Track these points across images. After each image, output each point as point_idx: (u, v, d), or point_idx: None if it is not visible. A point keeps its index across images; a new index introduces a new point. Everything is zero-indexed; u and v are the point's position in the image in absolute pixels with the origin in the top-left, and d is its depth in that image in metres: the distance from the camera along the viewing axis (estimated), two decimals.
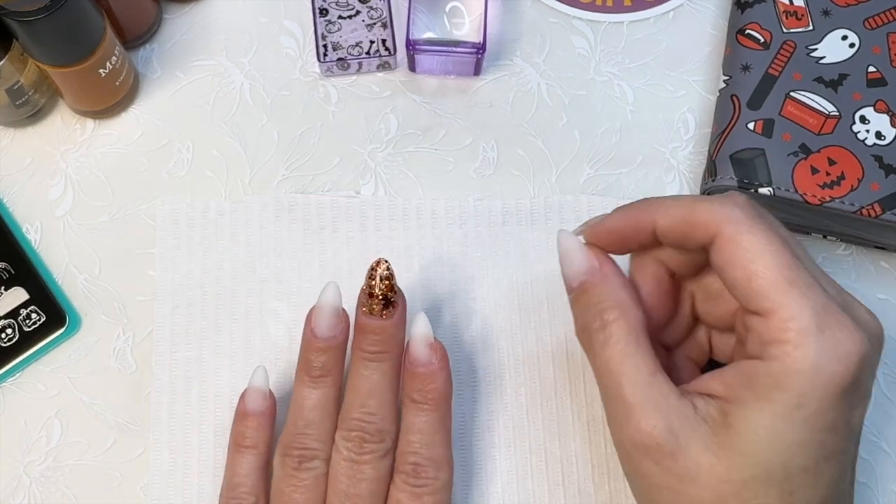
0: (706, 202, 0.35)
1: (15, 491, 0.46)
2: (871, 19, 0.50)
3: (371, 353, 0.41)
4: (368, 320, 0.41)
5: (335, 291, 0.42)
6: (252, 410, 0.43)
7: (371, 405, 0.41)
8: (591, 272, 0.38)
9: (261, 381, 0.43)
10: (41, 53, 0.45)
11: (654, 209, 0.37)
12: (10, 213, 0.50)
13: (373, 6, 0.52)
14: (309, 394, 0.41)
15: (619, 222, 0.38)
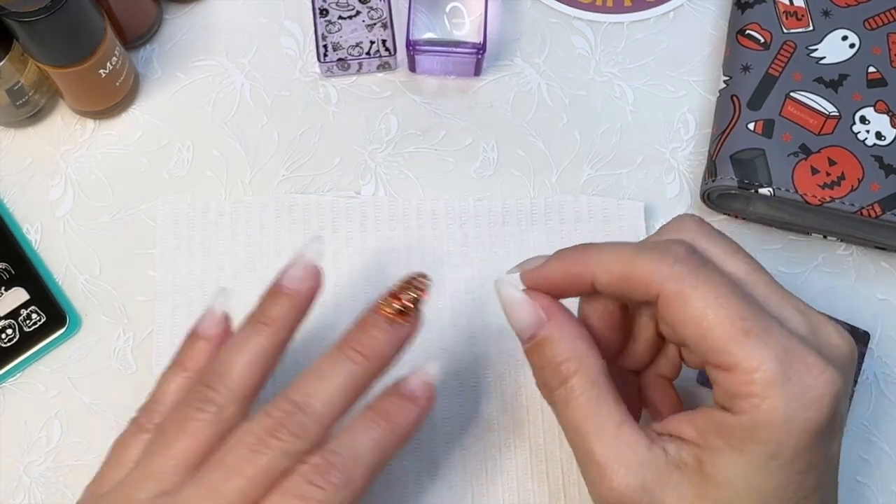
0: (645, 256, 0.34)
1: (15, 491, 0.46)
2: (871, 20, 0.50)
3: (354, 350, 0.36)
4: (375, 319, 0.37)
5: (316, 249, 0.38)
6: (202, 333, 0.39)
7: (317, 399, 0.35)
8: (539, 325, 0.36)
9: (218, 305, 0.39)
10: (41, 54, 0.45)
11: (593, 262, 0.35)
12: (10, 213, 0.50)
13: (373, 6, 0.52)
14: (244, 338, 0.37)
15: (555, 271, 0.36)
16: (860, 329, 0.49)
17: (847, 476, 0.47)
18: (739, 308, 0.32)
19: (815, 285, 0.50)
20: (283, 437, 0.34)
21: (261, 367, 0.37)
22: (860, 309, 0.49)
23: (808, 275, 0.50)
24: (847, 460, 0.47)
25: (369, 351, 0.37)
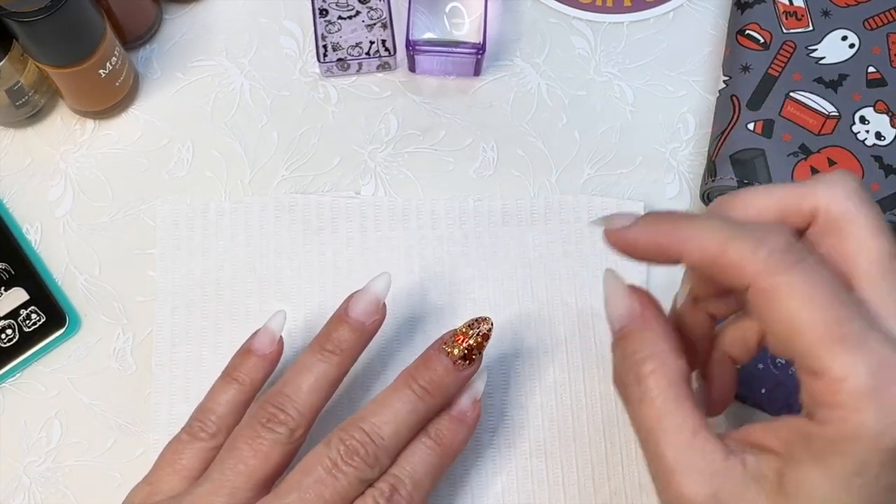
0: (738, 243, 0.31)
1: (15, 491, 0.46)
2: (870, 20, 0.50)
3: (420, 387, 0.39)
4: (441, 359, 0.40)
5: (386, 284, 0.41)
6: (256, 350, 0.41)
7: (386, 430, 0.38)
8: (631, 317, 0.35)
9: (276, 324, 0.42)
10: (41, 54, 0.45)
11: (684, 238, 0.32)
12: (10, 213, 0.50)
13: (373, 7, 0.52)
14: (312, 363, 0.40)
15: (642, 238, 0.34)
16: None
17: None
18: (837, 311, 0.29)
19: None
20: (358, 465, 0.37)
21: (326, 393, 0.40)
22: None
23: None
24: None
25: (434, 388, 0.39)
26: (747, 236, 0.31)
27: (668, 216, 0.33)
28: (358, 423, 0.38)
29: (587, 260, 0.49)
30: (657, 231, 0.33)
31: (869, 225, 0.31)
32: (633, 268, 0.49)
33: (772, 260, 0.30)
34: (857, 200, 0.31)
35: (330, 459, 0.38)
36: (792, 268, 0.30)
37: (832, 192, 0.32)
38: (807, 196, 0.32)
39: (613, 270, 0.36)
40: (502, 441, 0.46)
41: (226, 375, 0.41)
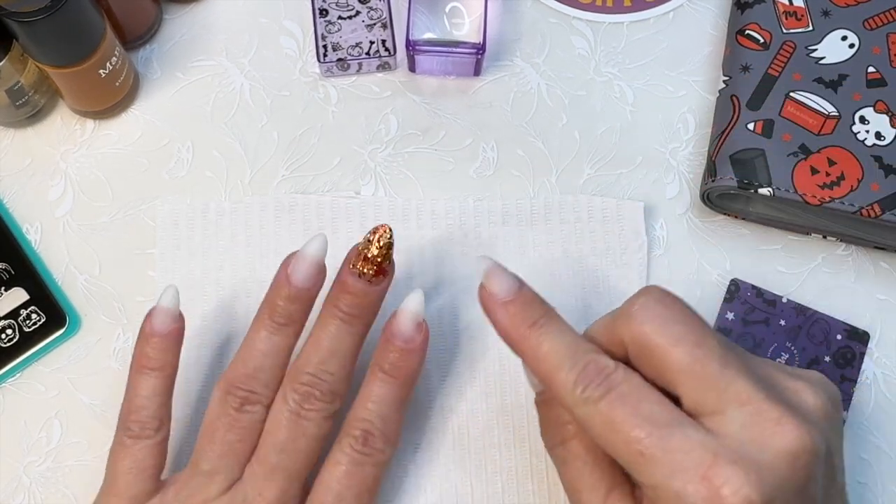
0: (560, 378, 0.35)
1: (15, 491, 0.46)
2: (870, 20, 0.50)
3: (346, 313, 0.40)
4: (354, 281, 0.40)
5: (322, 244, 0.41)
6: (158, 331, 0.41)
7: (330, 365, 0.40)
8: None
9: (169, 300, 0.41)
10: (41, 54, 0.45)
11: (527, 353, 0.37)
12: (10, 213, 0.50)
13: (373, 7, 0.52)
14: (267, 338, 0.40)
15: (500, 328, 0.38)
16: (860, 329, 0.49)
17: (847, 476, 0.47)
18: (636, 430, 0.33)
19: (815, 285, 0.50)
20: (317, 406, 0.40)
21: (286, 363, 0.42)
22: (860, 309, 0.49)
23: (807, 275, 0.50)
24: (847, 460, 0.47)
25: (358, 310, 0.41)
26: (569, 366, 0.35)
27: (521, 328, 0.37)
28: (302, 369, 0.40)
29: (587, 260, 0.49)
30: (512, 333, 0.37)
31: (664, 343, 0.34)
32: (634, 267, 0.49)
33: (582, 394, 0.34)
34: (653, 325, 0.34)
35: (290, 411, 0.39)
36: (598, 399, 0.34)
37: (629, 327, 0.35)
38: (614, 332, 0.36)
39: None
40: (502, 441, 0.46)
41: (139, 366, 0.41)
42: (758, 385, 0.33)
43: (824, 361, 0.48)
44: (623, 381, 0.34)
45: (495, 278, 0.38)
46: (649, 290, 0.36)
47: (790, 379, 0.35)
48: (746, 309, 0.49)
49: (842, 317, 0.49)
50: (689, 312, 0.35)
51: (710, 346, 0.34)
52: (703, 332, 0.34)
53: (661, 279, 0.49)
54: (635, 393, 0.34)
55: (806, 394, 0.35)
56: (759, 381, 0.34)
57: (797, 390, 0.35)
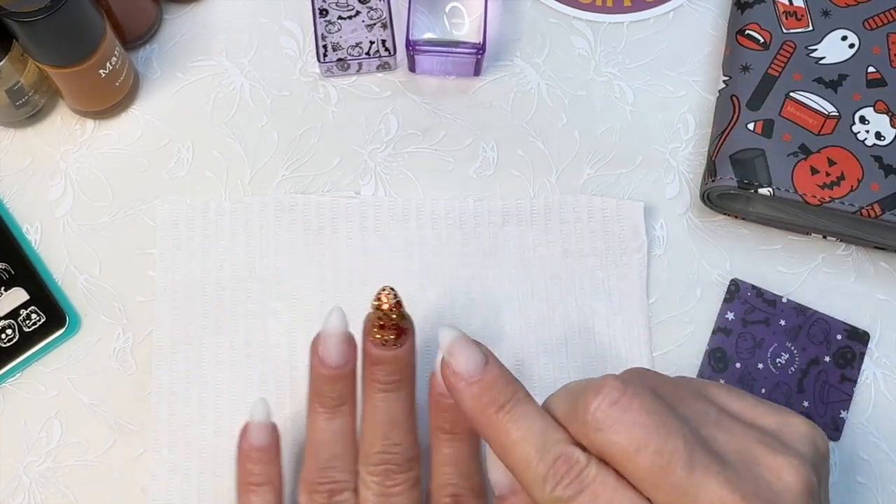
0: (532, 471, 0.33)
1: (15, 491, 0.46)
2: (870, 20, 0.50)
3: (386, 383, 0.39)
4: (381, 352, 0.39)
5: (341, 317, 0.39)
6: (260, 445, 0.40)
7: (395, 436, 0.39)
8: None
9: (262, 414, 0.41)
10: (41, 54, 0.45)
11: (491, 439, 0.35)
12: (10, 213, 0.50)
13: (373, 7, 0.52)
14: (327, 425, 0.40)
15: (465, 408, 0.36)
16: (860, 329, 0.49)
17: (847, 476, 0.47)
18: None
19: (815, 285, 0.50)
20: (399, 479, 0.39)
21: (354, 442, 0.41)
22: (860, 309, 0.49)
23: (807, 275, 0.50)
24: (847, 460, 0.47)
25: (396, 374, 0.40)
26: (541, 459, 0.33)
27: (495, 403, 0.34)
28: (370, 451, 0.39)
29: (587, 260, 0.49)
30: (478, 417, 0.35)
31: (623, 452, 0.32)
32: (634, 267, 0.49)
33: (553, 494, 0.32)
34: (610, 433, 0.32)
35: (376, 495, 0.39)
36: (569, 501, 0.32)
37: (587, 435, 0.33)
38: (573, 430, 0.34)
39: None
40: None
41: (246, 485, 0.40)
42: (731, 484, 0.31)
43: (824, 361, 0.48)
44: (595, 479, 0.32)
45: (459, 354, 0.35)
46: (604, 388, 0.32)
47: (770, 453, 0.33)
48: (746, 309, 0.49)
49: (842, 317, 0.49)
50: (649, 407, 0.32)
51: (674, 449, 0.31)
52: (667, 431, 0.32)
53: (661, 279, 0.49)
54: (608, 494, 0.32)
55: (787, 474, 0.32)
56: (732, 477, 0.31)
57: (778, 470, 0.32)
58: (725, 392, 0.36)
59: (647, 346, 0.48)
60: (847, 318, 0.49)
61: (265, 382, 0.47)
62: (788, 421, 0.35)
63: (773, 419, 0.35)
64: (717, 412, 0.34)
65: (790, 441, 0.34)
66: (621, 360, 0.48)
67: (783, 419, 0.35)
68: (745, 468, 0.32)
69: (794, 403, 0.48)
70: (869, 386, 0.48)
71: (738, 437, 0.33)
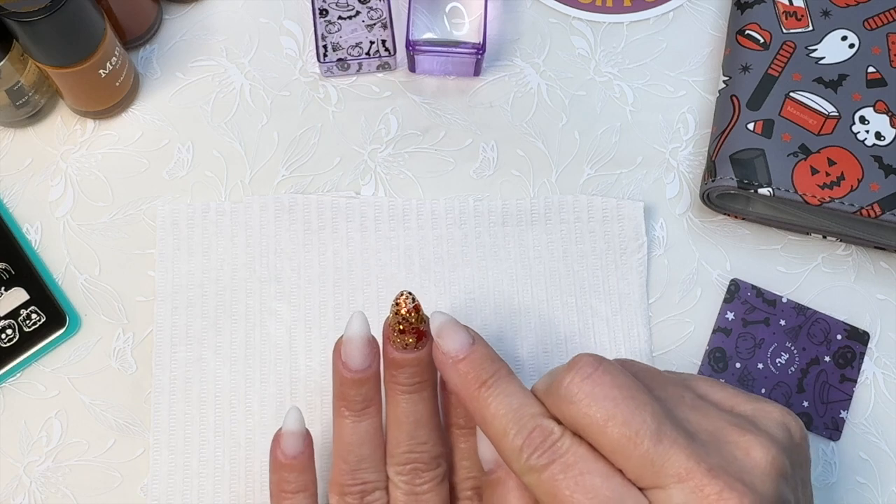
0: (510, 440, 0.35)
1: (15, 491, 0.46)
2: (870, 20, 0.50)
3: (408, 385, 0.40)
4: (402, 355, 0.39)
5: (362, 322, 0.40)
6: (293, 454, 0.40)
7: (420, 435, 0.40)
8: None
9: (295, 422, 0.40)
10: (41, 54, 0.45)
11: (475, 413, 0.37)
12: (10, 213, 0.50)
13: (373, 7, 0.52)
14: (355, 428, 0.40)
15: (452, 386, 0.38)
16: (860, 329, 0.49)
17: (847, 476, 0.47)
18: None
19: (815, 285, 0.50)
20: (428, 476, 0.40)
21: (382, 441, 0.41)
22: (860, 309, 0.49)
23: (807, 275, 0.50)
24: (847, 460, 0.47)
25: (418, 377, 0.40)
26: (518, 431, 0.34)
27: (479, 379, 0.36)
28: (397, 451, 0.40)
29: (587, 260, 0.49)
30: (462, 392, 0.37)
31: (593, 423, 0.33)
32: (634, 267, 0.49)
33: (528, 463, 0.34)
34: (581, 405, 0.33)
35: (405, 493, 0.40)
36: (542, 470, 0.33)
37: (559, 407, 0.34)
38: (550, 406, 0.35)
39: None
40: None
41: (281, 493, 0.40)
42: (697, 456, 0.32)
43: (824, 361, 0.48)
44: (568, 450, 0.33)
45: (447, 335, 0.37)
46: (578, 364, 0.34)
47: (740, 433, 0.34)
48: (746, 309, 0.49)
49: (842, 317, 0.49)
50: (620, 382, 0.34)
51: (642, 421, 0.33)
52: (636, 404, 0.33)
53: (661, 279, 0.50)
54: (579, 464, 0.33)
55: (755, 450, 0.33)
56: (700, 450, 0.33)
57: (746, 447, 0.33)
58: (707, 383, 0.38)
59: (647, 346, 0.48)
60: (847, 318, 0.49)
61: (265, 382, 0.47)
62: (764, 408, 0.36)
63: (749, 406, 0.36)
64: (693, 397, 0.36)
65: (763, 424, 0.35)
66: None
67: (759, 406, 0.36)
68: (714, 444, 0.33)
69: (794, 403, 0.48)
70: (869, 386, 0.48)
71: (711, 418, 0.35)
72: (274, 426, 0.46)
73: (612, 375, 0.34)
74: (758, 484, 0.32)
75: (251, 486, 0.46)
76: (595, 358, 0.34)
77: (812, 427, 0.48)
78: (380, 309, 0.48)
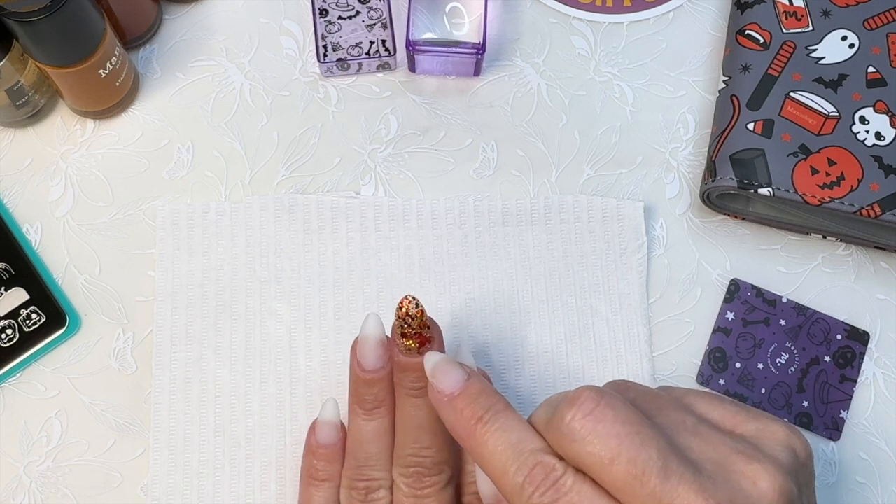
0: (510, 477, 0.34)
1: (15, 491, 0.46)
2: (870, 20, 0.50)
3: (414, 389, 0.40)
4: (407, 359, 0.40)
5: (377, 323, 0.40)
6: (325, 443, 0.42)
7: (424, 439, 0.40)
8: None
9: (331, 413, 0.42)
10: (41, 54, 0.45)
11: (474, 451, 0.36)
12: (10, 213, 0.50)
13: (373, 7, 0.52)
14: (365, 426, 0.41)
15: (448, 422, 0.37)
16: (860, 329, 0.49)
17: (847, 476, 0.47)
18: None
19: (815, 285, 0.50)
20: (431, 481, 0.40)
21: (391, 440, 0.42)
22: (860, 309, 0.49)
23: (807, 275, 0.50)
24: (847, 460, 0.47)
25: (420, 384, 0.40)
26: (518, 469, 0.33)
27: (475, 415, 0.35)
28: (402, 454, 0.40)
29: (587, 260, 0.49)
30: (459, 429, 0.36)
31: (598, 462, 0.32)
32: (634, 267, 0.49)
33: (531, 502, 0.33)
34: (585, 444, 0.32)
35: (408, 496, 0.40)
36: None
37: (562, 445, 0.33)
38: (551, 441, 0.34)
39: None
40: None
41: (310, 478, 0.42)
42: (706, 492, 0.31)
43: (824, 361, 0.48)
44: (571, 488, 0.32)
45: (440, 374, 0.37)
46: (579, 400, 0.33)
47: (745, 461, 0.33)
48: (746, 309, 0.49)
49: (842, 317, 0.49)
50: (623, 418, 0.33)
51: (647, 458, 0.32)
52: (641, 440, 0.32)
53: (661, 279, 0.50)
54: (585, 502, 0.32)
55: (762, 480, 0.32)
56: (708, 485, 0.32)
57: (753, 477, 0.33)
58: (706, 401, 0.36)
59: (647, 346, 0.48)
60: (847, 318, 0.49)
61: (265, 382, 0.47)
62: (767, 427, 0.35)
63: (752, 426, 0.35)
64: (694, 421, 0.35)
65: (768, 448, 0.34)
66: (621, 360, 0.48)
67: (762, 425, 0.35)
68: (721, 476, 0.32)
69: (794, 403, 0.48)
70: (869, 386, 0.48)
71: (714, 445, 0.34)
72: (274, 426, 0.46)
73: (615, 410, 0.33)
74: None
75: (251, 486, 0.46)
76: (597, 392, 0.33)
77: (812, 427, 0.48)
78: (379, 309, 0.48)
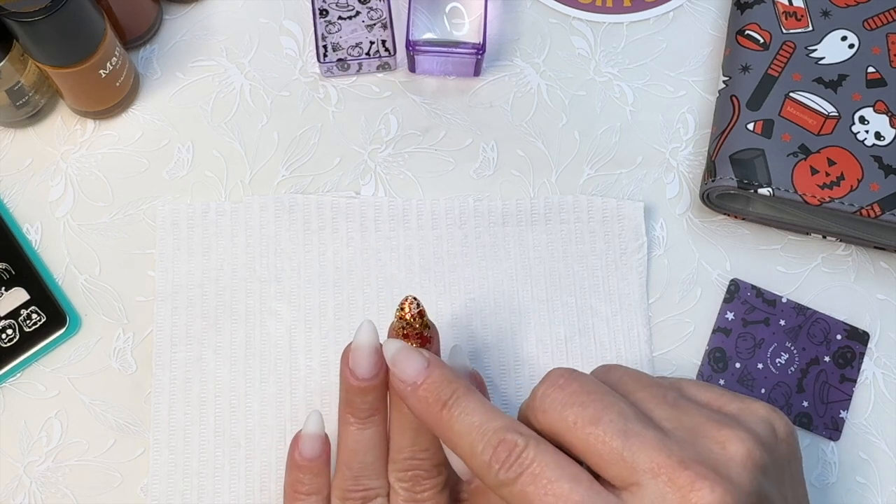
0: (479, 457, 0.35)
1: (15, 491, 0.46)
2: (870, 20, 0.50)
3: (409, 385, 0.38)
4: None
5: (371, 330, 0.40)
6: (310, 456, 0.41)
7: (422, 442, 0.40)
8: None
9: (315, 426, 0.42)
10: (42, 54, 0.45)
11: (443, 433, 0.37)
12: (10, 213, 0.50)
13: (373, 7, 0.52)
14: (359, 435, 0.40)
15: (415, 410, 0.38)
16: (860, 329, 0.49)
17: (847, 476, 0.47)
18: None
19: (815, 285, 0.50)
20: (428, 483, 0.40)
21: (386, 448, 0.42)
22: (859, 309, 0.49)
23: (807, 275, 0.50)
24: (847, 460, 0.47)
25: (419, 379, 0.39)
26: (484, 447, 0.35)
27: (439, 401, 0.36)
28: (398, 457, 0.40)
29: (587, 260, 0.49)
30: (425, 417, 0.37)
31: (563, 428, 0.34)
32: (634, 267, 0.49)
33: (499, 478, 0.34)
34: (551, 413, 0.35)
35: (405, 500, 0.40)
36: (513, 483, 0.34)
37: (535, 417, 0.35)
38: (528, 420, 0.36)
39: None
40: None
41: (294, 493, 0.41)
42: (668, 450, 0.33)
43: (824, 361, 0.48)
44: (534, 460, 0.34)
45: (401, 363, 0.37)
46: (549, 376, 0.36)
47: (717, 427, 0.34)
48: (746, 309, 0.49)
49: (842, 317, 0.49)
50: (589, 389, 0.35)
51: (609, 420, 0.34)
52: (603, 405, 0.34)
53: (661, 279, 0.50)
54: (546, 473, 0.33)
55: (732, 444, 0.34)
56: (671, 445, 0.33)
57: (723, 441, 0.34)
58: (696, 386, 0.38)
59: (647, 346, 0.48)
60: (847, 318, 0.49)
61: (265, 382, 0.47)
62: (750, 406, 0.37)
63: (735, 405, 0.37)
64: (676, 396, 0.36)
65: (746, 421, 0.36)
66: (621, 360, 0.48)
67: (745, 405, 0.37)
68: (691, 440, 0.34)
69: (793, 403, 0.48)
70: (869, 386, 0.48)
71: (691, 415, 0.35)
72: (274, 426, 0.46)
73: (581, 383, 0.35)
74: (733, 475, 0.33)
75: (251, 486, 0.46)
76: (566, 370, 0.36)
77: (812, 427, 0.48)
78: (379, 309, 0.48)
